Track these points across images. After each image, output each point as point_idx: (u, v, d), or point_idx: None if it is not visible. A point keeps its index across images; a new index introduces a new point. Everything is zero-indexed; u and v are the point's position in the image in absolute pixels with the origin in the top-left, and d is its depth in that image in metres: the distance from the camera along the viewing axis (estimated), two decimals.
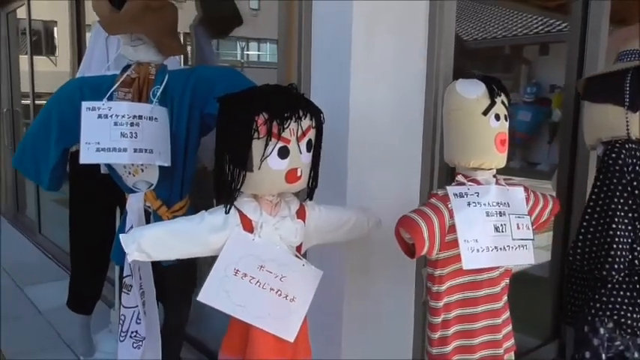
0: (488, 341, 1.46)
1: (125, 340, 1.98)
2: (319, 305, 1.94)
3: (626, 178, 1.60)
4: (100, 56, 2.50)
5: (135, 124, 1.80)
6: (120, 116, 1.78)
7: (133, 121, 1.79)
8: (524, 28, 9.80)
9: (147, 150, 1.79)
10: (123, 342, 1.98)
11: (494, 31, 9.73)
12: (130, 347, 1.97)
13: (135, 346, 1.97)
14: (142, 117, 1.79)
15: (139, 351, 1.96)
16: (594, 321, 1.69)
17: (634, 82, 1.67)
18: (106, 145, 1.76)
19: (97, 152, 1.76)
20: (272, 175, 1.39)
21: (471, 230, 1.35)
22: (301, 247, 1.53)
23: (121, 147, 1.77)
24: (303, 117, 1.41)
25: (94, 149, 1.76)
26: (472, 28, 9.78)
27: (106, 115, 1.77)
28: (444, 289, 1.40)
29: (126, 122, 1.78)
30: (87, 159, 1.75)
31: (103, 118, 1.77)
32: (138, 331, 1.96)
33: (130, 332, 1.98)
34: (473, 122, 1.39)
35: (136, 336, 1.97)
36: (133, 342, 1.97)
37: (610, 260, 1.59)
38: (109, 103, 1.79)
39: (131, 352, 1.97)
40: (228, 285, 1.42)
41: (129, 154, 1.77)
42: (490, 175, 1.45)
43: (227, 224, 1.43)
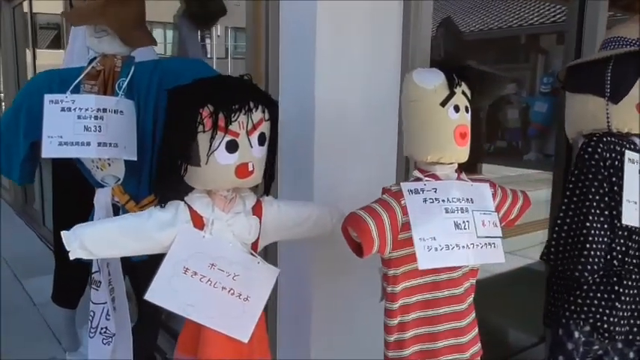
0: (452, 345, 1.39)
1: (95, 336, 1.95)
2: (288, 305, 1.91)
3: (603, 173, 1.51)
4: (81, 48, 2.47)
5: (99, 118, 1.76)
6: (84, 109, 1.74)
7: (97, 115, 1.76)
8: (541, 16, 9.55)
9: (112, 144, 1.75)
10: (92, 338, 1.96)
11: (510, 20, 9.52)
12: (100, 343, 1.95)
13: (105, 342, 1.94)
14: (106, 110, 1.75)
15: (109, 347, 1.93)
16: (569, 324, 1.60)
17: (616, 72, 1.56)
18: (69, 139, 1.73)
19: (60, 146, 1.73)
20: (220, 170, 1.34)
21: (428, 228, 1.27)
22: (257, 244, 1.47)
23: (85, 141, 1.74)
24: (254, 109, 1.35)
25: (57, 143, 1.72)
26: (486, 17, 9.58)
27: (70, 109, 1.74)
28: (399, 289, 1.33)
29: (90, 115, 1.75)
30: (49, 153, 1.72)
31: (66, 111, 1.74)
32: (108, 327, 1.93)
33: (100, 328, 1.95)
34: (430, 114, 1.31)
35: (105, 332, 1.94)
36: (102, 338, 1.95)
37: (583, 260, 1.49)
38: (72, 95, 1.75)
39: (101, 348, 1.95)
40: (177, 284, 1.38)
41: (93, 149, 1.74)
42: (451, 170, 1.37)
43: (176, 221, 1.38)
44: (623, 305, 1.56)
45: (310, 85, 1.66)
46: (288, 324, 1.91)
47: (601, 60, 1.60)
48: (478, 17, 9.31)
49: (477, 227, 1.34)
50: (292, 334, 1.89)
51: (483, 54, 5.06)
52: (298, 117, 1.73)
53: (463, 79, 1.34)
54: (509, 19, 9.53)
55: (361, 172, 1.74)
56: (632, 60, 1.56)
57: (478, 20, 9.57)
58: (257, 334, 1.45)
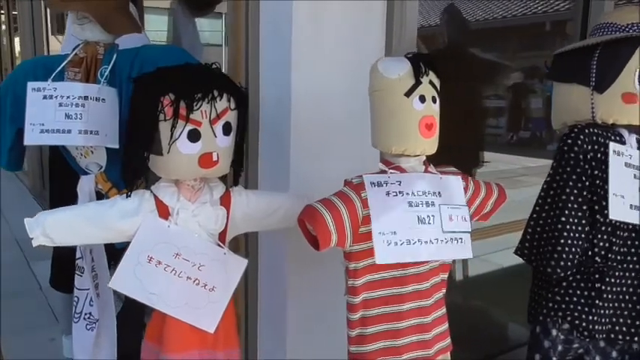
0: (416, 341, 1.35)
1: (79, 321, 1.98)
2: (263, 303, 1.90)
3: (582, 166, 1.44)
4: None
5: (81, 105, 1.76)
6: (65, 97, 1.75)
7: (79, 102, 1.76)
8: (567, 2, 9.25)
9: (93, 132, 1.75)
10: (77, 323, 1.98)
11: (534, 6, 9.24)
12: (84, 329, 1.97)
13: (88, 328, 1.96)
14: (88, 98, 1.75)
15: (92, 333, 1.95)
16: (546, 322, 1.54)
17: (602, 60, 1.49)
18: (50, 126, 1.74)
19: (42, 134, 1.74)
20: (183, 159, 1.32)
21: (389, 222, 1.24)
22: (225, 234, 1.46)
23: (66, 128, 1.74)
24: (217, 98, 1.33)
25: (39, 130, 1.74)
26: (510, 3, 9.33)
27: (51, 96, 1.75)
28: (360, 283, 1.30)
29: (71, 103, 1.76)
30: (31, 140, 1.74)
31: (48, 98, 1.75)
32: (91, 313, 1.95)
33: (84, 314, 1.97)
34: (394, 105, 1.27)
35: (89, 318, 1.96)
36: (86, 324, 1.97)
37: (556, 257, 1.43)
38: (54, 83, 1.76)
39: (85, 333, 1.97)
40: (142, 273, 1.38)
41: (74, 136, 1.74)
42: (418, 162, 1.33)
43: (140, 210, 1.37)
44: (604, 303, 1.50)
45: (287, 75, 1.63)
46: (266, 322, 1.90)
47: (588, 47, 1.52)
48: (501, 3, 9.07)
49: (443, 222, 1.30)
50: (269, 333, 1.89)
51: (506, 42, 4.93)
52: (276, 107, 1.71)
53: (431, 68, 1.29)
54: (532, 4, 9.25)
55: (339, 163, 1.70)
56: (620, 47, 1.48)
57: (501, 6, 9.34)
58: (223, 325, 1.45)
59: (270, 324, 1.87)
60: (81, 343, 1.99)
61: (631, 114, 1.47)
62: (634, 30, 1.49)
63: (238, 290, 1.94)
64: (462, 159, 3.23)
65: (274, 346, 1.86)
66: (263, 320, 1.91)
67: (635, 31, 1.49)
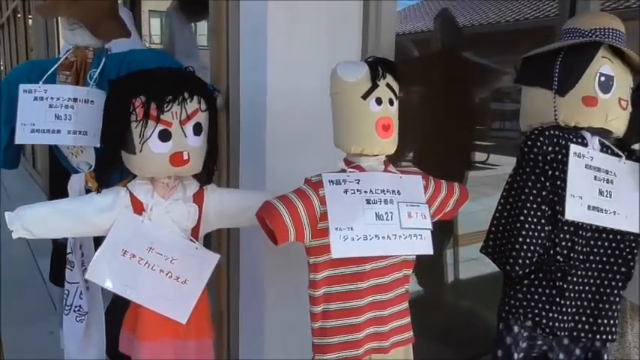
0: (373, 333, 1.41)
1: (69, 313, 2.07)
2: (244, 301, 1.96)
3: (541, 167, 1.47)
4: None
5: (70, 107, 1.85)
6: (55, 99, 1.84)
7: (68, 104, 1.85)
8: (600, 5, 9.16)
9: (82, 132, 1.83)
10: (67, 315, 2.07)
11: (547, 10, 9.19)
12: (74, 321, 2.06)
13: (78, 320, 2.05)
14: (77, 100, 1.83)
15: (82, 324, 2.04)
16: (508, 318, 1.57)
17: (564, 64, 1.52)
18: (40, 126, 1.83)
19: (32, 133, 1.83)
20: (155, 158, 1.40)
21: (346, 218, 1.29)
22: (198, 230, 1.53)
23: (56, 129, 1.83)
24: (188, 100, 1.40)
25: (29, 130, 1.83)
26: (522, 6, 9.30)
27: (42, 98, 1.83)
28: (321, 277, 1.35)
29: (61, 104, 1.84)
30: (21, 139, 1.83)
31: (38, 100, 1.83)
32: (81, 306, 2.04)
33: (74, 307, 2.06)
34: (352, 106, 1.33)
35: (79, 310, 2.05)
36: (76, 316, 2.05)
37: (514, 254, 1.47)
38: (45, 85, 1.85)
39: (74, 325, 2.06)
40: (116, 265, 1.45)
41: (63, 136, 1.83)
42: (377, 162, 1.38)
43: (115, 205, 1.45)
44: (566, 301, 1.54)
45: (262, 76, 1.70)
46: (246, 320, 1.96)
47: (552, 52, 1.56)
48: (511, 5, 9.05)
49: (401, 218, 1.35)
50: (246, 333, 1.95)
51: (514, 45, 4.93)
52: (252, 108, 1.78)
53: (389, 72, 1.35)
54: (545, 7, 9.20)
55: (314, 163, 1.75)
56: (582, 52, 1.51)
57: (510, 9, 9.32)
58: (195, 316, 1.51)
59: (250, 322, 1.93)
60: (71, 334, 2.08)
61: (591, 117, 1.51)
62: (596, 35, 1.53)
63: (220, 288, 2.03)
64: (471, 162, 3.29)
65: (253, 345, 1.92)
66: (244, 318, 1.97)
67: (597, 36, 1.52)
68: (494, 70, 3.09)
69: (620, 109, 1.52)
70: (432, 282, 3.11)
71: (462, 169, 3.08)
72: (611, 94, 1.51)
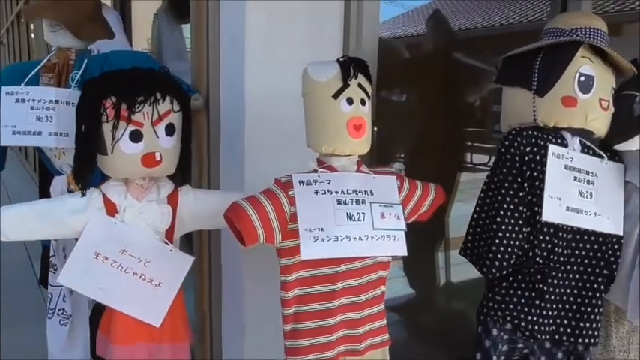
0: (346, 336, 1.39)
1: (53, 317, 2.06)
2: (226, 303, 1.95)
3: (518, 168, 1.45)
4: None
5: (51, 109, 1.85)
6: (37, 100, 1.84)
7: (49, 106, 1.85)
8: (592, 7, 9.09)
9: (63, 134, 1.83)
10: (51, 319, 2.06)
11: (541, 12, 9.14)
12: (58, 324, 2.05)
13: (62, 323, 2.04)
14: (59, 101, 1.83)
15: (65, 328, 2.03)
16: (486, 321, 1.55)
17: (543, 64, 1.50)
18: (22, 128, 1.83)
19: (14, 135, 1.83)
20: (126, 159, 1.39)
21: (316, 218, 1.28)
22: (173, 232, 1.52)
23: (37, 130, 1.83)
24: (160, 100, 1.39)
25: (11, 132, 1.83)
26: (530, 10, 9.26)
27: (24, 100, 1.84)
28: (292, 279, 1.34)
29: (42, 106, 1.84)
30: (3, 141, 1.83)
31: (20, 102, 1.84)
32: (65, 309, 2.03)
33: (58, 310, 2.05)
34: (323, 106, 1.31)
35: (62, 313, 2.04)
36: (60, 319, 2.05)
37: (491, 256, 1.45)
38: (26, 87, 1.85)
39: (58, 328, 2.05)
40: (89, 268, 1.44)
41: (44, 138, 1.83)
42: (349, 162, 1.37)
43: (88, 207, 1.44)
44: (546, 304, 1.51)
45: (240, 78, 1.69)
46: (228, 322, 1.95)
47: (532, 52, 1.54)
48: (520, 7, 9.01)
49: (374, 219, 1.33)
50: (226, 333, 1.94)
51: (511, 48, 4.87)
52: (232, 110, 1.77)
53: (361, 71, 1.33)
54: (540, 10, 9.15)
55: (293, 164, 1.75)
56: (561, 51, 1.49)
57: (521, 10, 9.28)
58: (170, 319, 1.50)
59: (232, 322, 1.92)
60: (55, 337, 2.07)
61: (571, 117, 1.48)
62: (577, 35, 1.51)
63: (203, 289, 2.02)
64: (466, 164, 3.25)
65: (236, 345, 1.90)
66: (226, 319, 1.96)
67: (577, 36, 1.50)
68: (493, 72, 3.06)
69: (600, 109, 1.50)
70: (423, 285, 3.09)
71: (457, 170, 3.06)
72: (591, 94, 1.48)
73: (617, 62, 1.52)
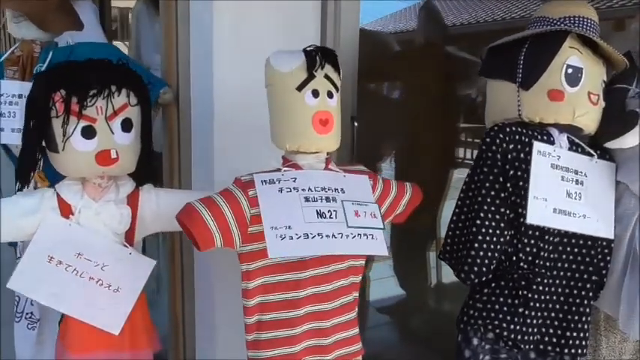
0: (313, 346, 1.30)
1: (20, 320, 1.98)
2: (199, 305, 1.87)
3: (500, 167, 1.35)
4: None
5: (14, 104, 1.77)
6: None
7: (12, 100, 1.77)
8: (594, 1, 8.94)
9: None
10: (18, 323, 1.98)
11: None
12: (25, 328, 1.97)
13: (30, 327, 1.97)
14: (22, 96, 1.75)
15: (34, 332, 1.95)
16: (467, 330, 1.45)
17: (529, 55, 1.40)
18: None
19: None
20: (79, 157, 1.30)
21: (282, 216, 1.17)
22: (133, 234, 1.43)
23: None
24: (115, 94, 1.30)
25: None
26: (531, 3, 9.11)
27: None
28: (254, 286, 1.24)
29: (5, 101, 1.77)
30: None
31: None
32: (32, 313, 1.96)
33: (25, 314, 1.98)
34: (286, 99, 1.22)
35: (30, 317, 1.96)
36: (27, 323, 1.97)
37: (469, 261, 1.35)
38: None
39: (26, 332, 1.97)
40: (41, 272, 1.35)
41: (7, 134, 1.76)
42: (316, 160, 1.27)
43: (40, 208, 1.35)
44: (531, 312, 1.41)
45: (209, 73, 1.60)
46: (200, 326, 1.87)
47: (518, 42, 1.44)
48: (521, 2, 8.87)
49: (347, 217, 1.23)
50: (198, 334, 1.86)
51: None
52: (201, 105, 1.68)
53: (329, 62, 1.24)
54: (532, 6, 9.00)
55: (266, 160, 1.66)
56: (548, 42, 1.39)
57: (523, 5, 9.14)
58: (130, 326, 1.41)
59: (203, 326, 1.84)
60: (22, 342, 1.99)
61: (557, 112, 1.38)
62: (565, 24, 1.41)
63: (175, 292, 1.93)
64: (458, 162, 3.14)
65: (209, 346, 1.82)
66: (198, 323, 1.88)
67: (565, 25, 1.40)
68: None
69: (589, 103, 1.40)
70: (414, 285, 3.00)
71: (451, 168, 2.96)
72: (579, 88, 1.38)
73: (608, 54, 1.42)
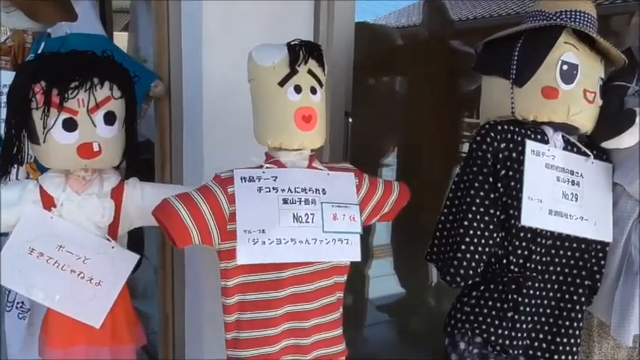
0: (292, 345, 1.27)
1: (11, 310, 1.97)
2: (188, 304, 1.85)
3: (490, 166, 1.30)
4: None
5: (3, 94, 1.76)
6: None
7: (3, 91, 1.77)
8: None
9: None
10: (9, 312, 1.98)
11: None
12: (16, 318, 1.96)
13: (20, 317, 1.95)
14: None
15: (24, 322, 1.95)
16: (453, 333, 1.42)
17: (524, 50, 1.35)
18: None
19: None
20: (61, 150, 1.29)
21: (256, 219, 1.15)
22: (117, 228, 1.41)
23: None
24: (97, 86, 1.28)
25: None
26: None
27: None
28: (233, 284, 1.22)
29: None
30: None
31: None
32: (24, 302, 1.95)
33: (16, 303, 1.97)
34: (268, 94, 1.18)
35: (21, 307, 1.96)
36: (18, 313, 1.96)
37: (456, 264, 1.31)
38: None
39: (17, 322, 1.96)
40: (22, 264, 1.34)
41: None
42: (299, 157, 1.24)
43: (22, 200, 1.34)
44: (521, 316, 1.37)
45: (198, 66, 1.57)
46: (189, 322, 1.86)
47: (512, 37, 1.39)
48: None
49: (324, 221, 1.21)
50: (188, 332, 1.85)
51: None
52: (191, 99, 1.66)
53: (313, 56, 1.20)
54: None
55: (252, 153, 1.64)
56: (543, 37, 1.34)
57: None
58: (111, 320, 1.40)
59: (192, 324, 1.83)
60: (13, 331, 1.99)
61: (551, 110, 1.33)
62: (561, 18, 1.36)
63: (165, 290, 1.92)
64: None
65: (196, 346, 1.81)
66: (188, 320, 1.86)
67: (561, 20, 1.35)
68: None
69: (585, 102, 1.35)
70: (414, 284, 2.96)
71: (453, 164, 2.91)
72: (574, 85, 1.33)
73: (606, 50, 1.36)
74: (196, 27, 1.56)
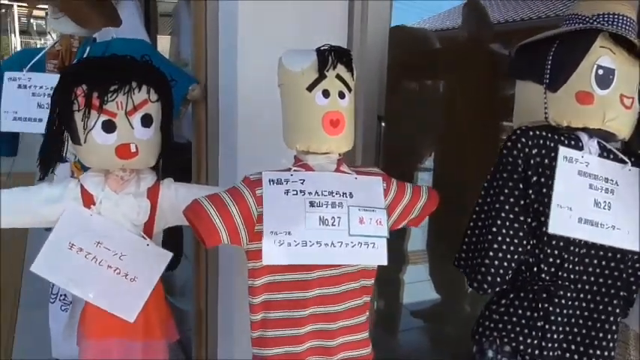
0: (317, 347, 1.28)
1: (55, 302, 2.08)
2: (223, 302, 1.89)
3: (520, 172, 1.28)
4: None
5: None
6: (38, 87, 1.85)
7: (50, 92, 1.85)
8: None
9: None
10: (53, 304, 2.08)
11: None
12: (59, 309, 2.07)
13: (63, 309, 2.06)
14: None
15: (66, 313, 2.04)
16: (481, 341, 1.40)
17: (558, 55, 1.33)
18: (22, 114, 1.84)
19: (14, 121, 1.85)
20: (100, 150, 1.35)
21: (283, 221, 1.18)
22: (153, 226, 1.46)
23: (37, 117, 1.84)
24: (135, 90, 1.34)
25: (12, 118, 1.84)
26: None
27: (25, 86, 1.85)
28: (260, 284, 1.24)
29: (44, 93, 1.85)
30: (4, 127, 1.85)
31: (22, 88, 1.85)
32: (66, 295, 2.04)
33: (60, 295, 2.07)
34: (296, 99, 1.20)
35: (64, 299, 2.05)
36: (61, 305, 2.06)
37: (483, 270, 1.29)
38: (29, 74, 1.86)
39: (59, 314, 2.07)
40: (62, 258, 1.41)
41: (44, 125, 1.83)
42: (327, 161, 1.25)
43: (64, 197, 1.41)
44: (552, 326, 1.34)
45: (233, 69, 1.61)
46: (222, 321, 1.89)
47: (547, 41, 1.37)
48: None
49: (350, 224, 1.22)
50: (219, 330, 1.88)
51: None
52: (227, 101, 1.69)
53: (342, 62, 1.22)
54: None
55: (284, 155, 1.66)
56: (578, 41, 1.31)
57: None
58: (145, 316, 1.45)
59: (225, 323, 1.86)
60: (56, 322, 2.09)
61: (586, 116, 1.30)
62: (598, 22, 1.32)
63: (199, 288, 1.96)
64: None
65: (229, 343, 1.85)
66: (221, 319, 1.90)
67: (598, 23, 1.32)
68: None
69: (622, 107, 1.31)
70: (450, 290, 2.92)
71: None
72: (610, 90, 1.30)
73: None
74: (232, 29, 1.60)
